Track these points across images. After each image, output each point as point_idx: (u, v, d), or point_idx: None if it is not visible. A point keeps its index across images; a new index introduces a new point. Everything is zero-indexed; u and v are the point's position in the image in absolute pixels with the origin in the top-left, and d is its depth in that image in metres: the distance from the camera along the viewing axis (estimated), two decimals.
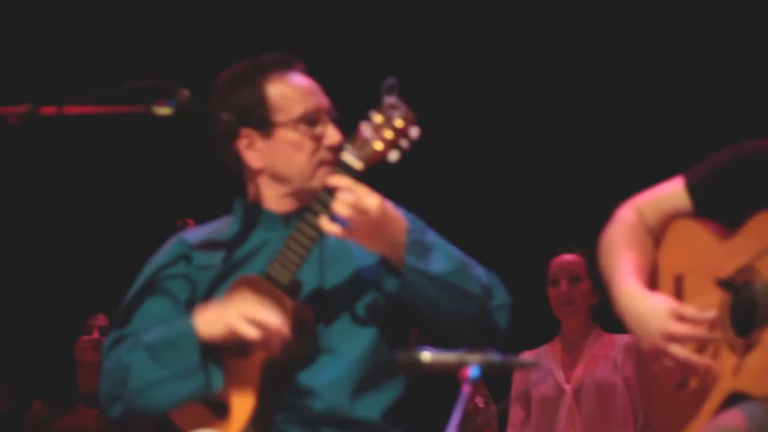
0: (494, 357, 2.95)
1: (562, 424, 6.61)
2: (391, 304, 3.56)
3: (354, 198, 3.36)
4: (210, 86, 3.66)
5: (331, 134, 3.57)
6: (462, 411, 2.85)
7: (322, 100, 3.60)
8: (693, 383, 3.54)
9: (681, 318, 3.45)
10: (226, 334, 3.40)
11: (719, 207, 3.62)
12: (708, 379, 3.48)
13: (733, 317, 3.46)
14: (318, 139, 3.57)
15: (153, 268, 3.65)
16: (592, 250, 3.82)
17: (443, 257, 3.48)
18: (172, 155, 6.84)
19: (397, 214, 3.44)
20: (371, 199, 3.38)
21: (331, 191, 3.41)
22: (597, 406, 6.60)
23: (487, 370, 2.94)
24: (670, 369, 3.49)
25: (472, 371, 2.92)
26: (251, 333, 3.36)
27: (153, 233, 4.10)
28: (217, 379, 3.43)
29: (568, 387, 6.64)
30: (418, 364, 3.00)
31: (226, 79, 3.65)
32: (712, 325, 3.47)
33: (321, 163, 3.58)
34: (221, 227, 3.72)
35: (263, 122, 3.58)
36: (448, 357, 2.98)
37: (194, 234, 3.72)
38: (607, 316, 6.72)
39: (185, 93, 3.42)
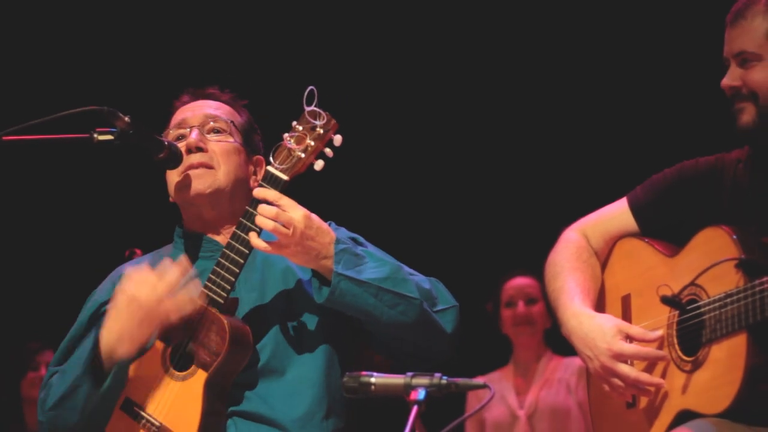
0: (441, 380, 2.94)
1: None
2: (334, 319, 3.55)
3: (275, 212, 3.37)
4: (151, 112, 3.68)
5: (188, 137, 3.57)
6: None
7: (195, 113, 3.62)
8: (642, 403, 3.55)
9: (627, 337, 3.48)
10: (138, 330, 3.38)
11: (664, 225, 3.66)
12: (657, 397, 3.49)
13: (680, 336, 3.48)
14: (184, 148, 3.58)
15: (93, 305, 3.64)
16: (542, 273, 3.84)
17: (376, 265, 3.49)
18: (119, 183, 6.81)
19: (324, 226, 3.44)
20: (295, 212, 3.38)
21: (257, 205, 3.41)
22: (552, 430, 6.59)
23: (434, 393, 2.93)
24: (619, 390, 3.49)
25: (420, 394, 2.91)
26: (175, 308, 3.37)
27: (100, 264, 4.06)
28: (114, 378, 3.39)
29: (521, 412, 6.62)
30: (365, 388, 3.00)
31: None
32: (660, 344, 3.48)
33: (186, 169, 3.57)
34: (164, 258, 3.70)
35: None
36: (396, 380, 2.97)
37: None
38: (559, 339, 6.77)
39: (125, 119, 3.41)
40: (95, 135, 3.46)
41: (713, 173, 3.60)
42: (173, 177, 3.60)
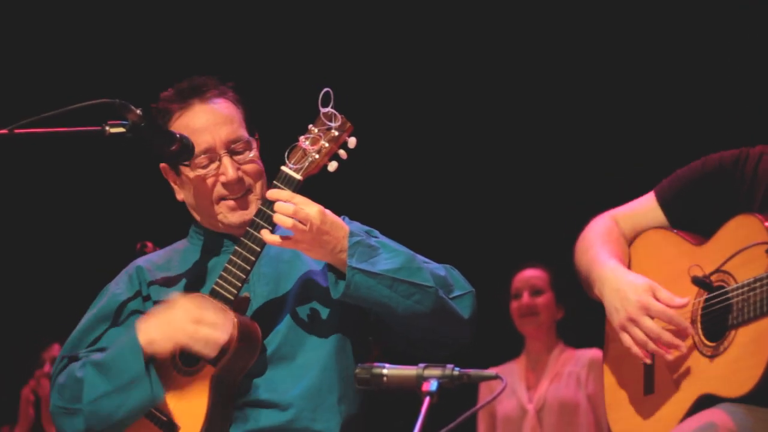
0: (453, 371, 2.95)
1: None
2: (347, 311, 3.58)
3: (292, 209, 3.39)
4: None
5: (225, 171, 3.58)
6: (422, 425, 2.83)
7: (217, 136, 3.59)
8: (661, 389, 3.56)
9: (656, 296, 3.51)
10: (169, 350, 3.43)
11: (692, 218, 3.68)
12: (676, 383, 3.50)
13: (704, 322, 3.49)
14: (214, 177, 3.60)
15: (110, 298, 3.66)
16: (556, 266, 3.86)
17: (390, 256, 3.50)
18: (131, 177, 6.82)
19: (338, 221, 3.47)
20: (310, 209, 3.41)
21: (271, 204, 3.44)
22: (560, 424, 6.59)
23: (446, 384, 2.94)
24: (640, 342, 3.50)
25: (432, 385, 2.92)
26: (204, 350, 3.40)
27: (112, 257, 4.08)
28: (159, 388, 3.44)
29: (530, 406, 6.62)
30: (378, 379, 3.00)
31: (153, 111, 3.65)
32: (684, 332, 3.50)
33: (220, 199, 3.61)
34: (178, 253, 3.74)
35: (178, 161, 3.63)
36: (408, 371, 2.98)
37: (152, 262, 3.72)
38: (571, 332, 6.77)
39: (137, 112, 3.41)
40: (107, 128, 3.44)
41: (736, 166, 3.62)
42: (201, 198, 3.62)
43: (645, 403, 3.62)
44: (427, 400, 2.90)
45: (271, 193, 3.46)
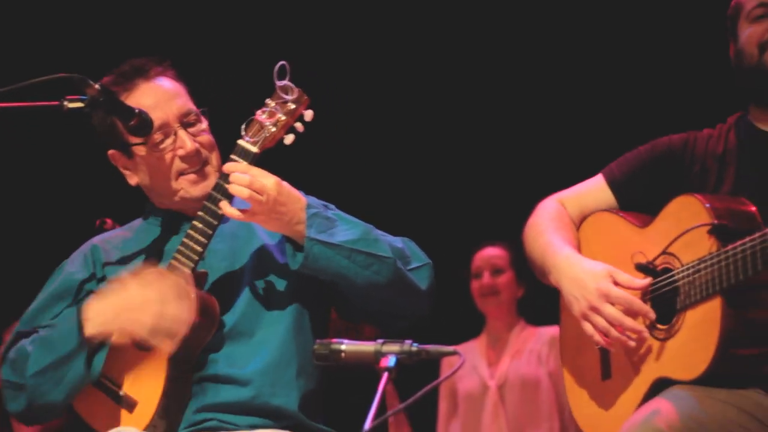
0: (412, 346, 2.95)
1: (487, 420, 6.63)
2: (304, 284, 3.59)
3: (248, 179, 3.40)
4: None
5: (183, 144, 3.58)
6: (380, 401, 2.83)
7: (169, 110, 3.59)
8: (618, 374, 3.58)
9: (615, 281, 3.50)
10: (120, 335, 3.42)
11: (640, 201, 3.69)
12: (632, 368, 3.52)
13: (654, 306, 3.51)
14: (172, 152, 3.59)
15: (65, 276, 3.65)
16: (517, 243, 3.87)
17: (347, 227, 3.52)
18: (89, 152, 6.77)
19: (295, 193, 3.48)
20: (267, 180, 3.42)
21: (227, 177, 3.44)
22: (522, 401, 6.62)
23: (404, 360, 2.94)
24: (601, 330, 3.49)
25: (390, 361, 2.92)
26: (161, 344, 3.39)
27: (71, 233, 4.05)
28: (97, 368, 3.42)
29: (492, 383, 6.65)
30: (336, 355, 3.01)
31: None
32: (645, 315, 3.51)
33: (179, 174, 3.61)
34: (135, 232, 3.73)
35: (120, 143, 3.62)
36: (366, 347, 2.98)
37: (108, 241, 3.71)
38: (531, 309, 6.79)
39: (96, 87, 3.39)
40: (66, 103, 3.43)
41: (686, 148, 3.65)
42: (160, 176, 3.60)
43: (603, 388, 3.63)
44: (385, 375, 2.90)
45: (228, 166, 3.46)
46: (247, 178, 3.40)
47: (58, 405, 3.47)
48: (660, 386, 3.44)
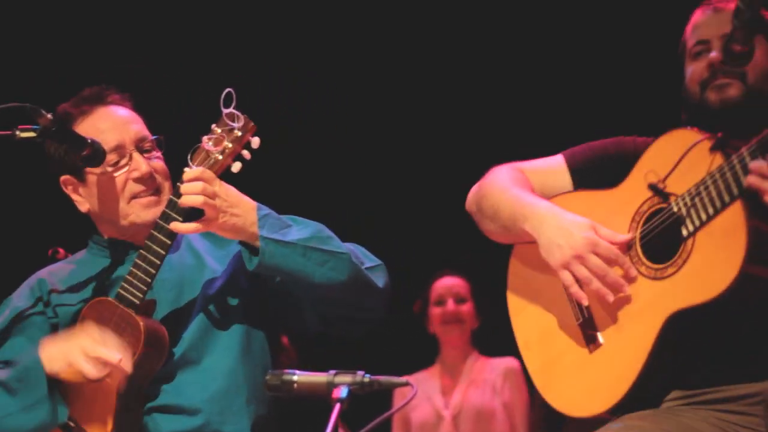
0: (364, 378, 2.95)
1: None
2: (253, 310, 3.59)
3: (201, 186, 3.40)
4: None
5: (138, 166, 3.58)
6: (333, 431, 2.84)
7: (126, 133, 3.60)
8: (609, 338, 3.47)
9: (598, 234, 3.45)
10: (68, 371, 3.39)
11: (595, 185, 3.62)
12: (624, 329, 3.42)
13: (646, 252, 3.43)
14: (126, 174, 3.59)
15: (12, 312, 3.63)
16: (476, 275, 3.83)
17: (300, 227, 3.52)
18: (41, 181, 6.75)
19: (242, 196, 3.48)
20: (216, 185, 3.42)
21: (176, 195, 3.43)
22: (477, 431, 6.61)
23: (357, 391, 2.94)
24: (584, 280, 3.41)
25: (342, 392, 2.92)
26: (91, 371, 3.35)
27: (22, 263, 4.03)
28: (63, 410, 3.41)
29: (446, 413, 6.65)
30: (288, 386, 3.00)
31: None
32: (620, 266, 3.43)
33: (131, 198, 3.60)
34: (81, 264, 3.71)
35: (73, 168, 3.61)
36: (318, 378, 2.98)
37: (54, 274, 3.70)
38: (486, 340, 6.79)
39: (48, 116, 3.39)
40: (17, 132, 3.44)
41: None
42: (113, 200, 3.59)
43: (594, 360, 3.51)
44: (337, 406, 2.90)
45: (184, 177, 3.43)
46: (199, 185, 3.39)
47: None
48: (673, 326, 3.32)
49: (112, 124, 3.60)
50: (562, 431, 6.36)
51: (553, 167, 3.72)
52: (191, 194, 3.40)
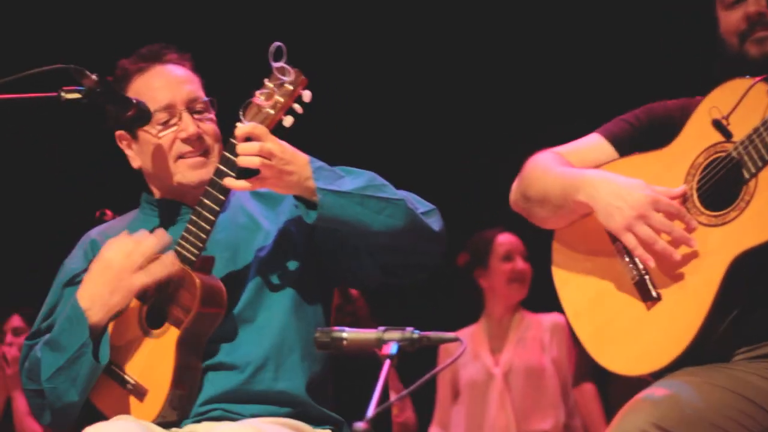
0: (413, 333, 2.94)
1: (494, 408, 6.61)
2: (309, 267, 3.59)
3: (257, 146, 3.39)
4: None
5: (186, 126, 3.58)
6: (383, 388, 2.83)
7: (177, 93, 3.60)
8: (669, 291, 3.42)
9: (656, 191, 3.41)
10: (114, 301, 3.42)
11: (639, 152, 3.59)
12: (686, 280, 3.39)
13: (704, 201, 3.40)
14: (174, 134, 3.59)
15: (67, 274, 3.65)
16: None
17: (353, 177, 3.51)
18: (88, 143, 6.78)
19: (295, 150, 3.46)
20: (270, 143, 3.41)
21: (232, 151, 3.42)
22: (527, 388, 6.61)
23: (406, 347, 2.93)
24: (648, 240, 3.36)
25: (392, 348, 2.92)
26: (157, 271, 3.41)
27: (71, 225, 4.05)
28: (105, 353, 3.43)
29: (497, 371, 6.63)
30: (338, 343, 3.00)
31: (111, 78, 3.63)
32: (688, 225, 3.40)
33: (178, 157, 3.60)
34: (132, 224, 3.71)
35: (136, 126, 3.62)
36: (367, 335, 2.98)
37: (105, 234, 3.69)
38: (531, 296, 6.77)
39: (93, 77, 3.39)
40: (63, 93, 3.43)
41: (683, 114, 3.53)
42: (160, 158, 3.60)
43: (652, 316, 3.45)
44: (387, 362, 2.89)
45: (237, 132, 3.41)
46: (255, 146, 3.39)
47: (76, 404, 3.47)
48: (737, 269, 3.28)
49: (165, 82, 3.60)
50: (608, 375, 6.37)
51: (592, 143, 3.67)
52: (248, 155, 3.39)
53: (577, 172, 3.53)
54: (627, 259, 3.51)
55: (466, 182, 7.42)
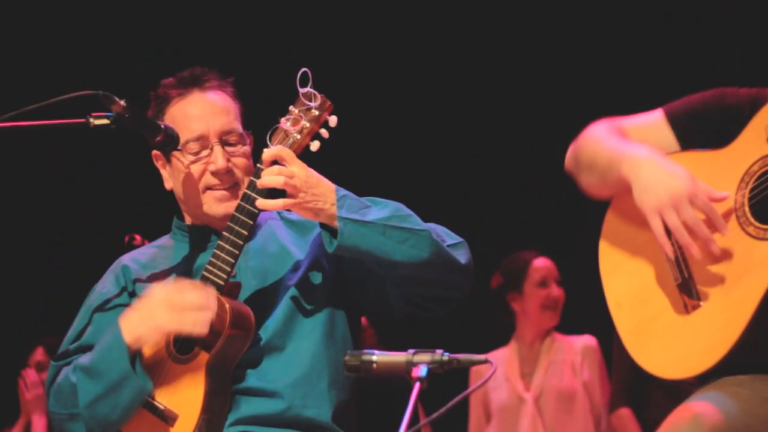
0: (443, 356, 2.93)
1: None
2: (336, 295, 3.59)
3: (278, 168, 3.42)
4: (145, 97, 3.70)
5: (215, 160, 3.59)
6: (412, 411, 2.82)
7: (212, 124, 3.60)
8: (711, 298, 3.38)
9: (698, 187, 3.36)
10: (154, 334, 3.44)
11: (700, 140, 3.52)
12: (730, 287, 3.34)
13: (755, 212, 3.34)
14: (204, 165, 3.60)
15: (98, 298, 3.66)
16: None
17: (379, 207, 3.51)
18: (117, 169, 6.82)
19: (321, 177, 3.48)
20: (294, 166, 3.43)
21: (257, 175, 3.45)
22: (559, 412, 6.57)
23: (436, 369, 2.92)
24: (671, 229, 3.33)
25: (421, 371, 2.90)
26: (189, 326, 3.39)
27: (101, 252, 4.06)
28: (148, 381, 3.43)
29: (528, 395, 6.60)
30: (367, 366, 2.99)
31: (152, 97, 3.69)
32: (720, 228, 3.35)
33: (206, 189, 3.62)
34: (163, 250, 3.74)
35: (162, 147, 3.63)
36: (397, 357, 2.97)
37: (137, 261, 3.72)
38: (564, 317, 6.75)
39: (121, 103, 3.40)
40: (91, 119, 3.44)
41: (751, 110, 3.45)
42: (189, 186, 3.62)
43: (692, 321, 3.40)
44: (417, 385, 2.88)
45: (266, 153, 3.45)
46: (278, 167, 3.41)
47: (115, 424, 3.48)
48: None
49: (200, 112, 3.61)
50: (645, 400, 6.32)
51: (653, 122, 3.59)
52: (271, 175, 3.41)
53: (628, 146, 3.47)
54: (672, 259, 3.46)
55: (498, 200, 7.42)
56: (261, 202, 3.44)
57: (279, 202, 3.44)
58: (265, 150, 3.47)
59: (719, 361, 3.30)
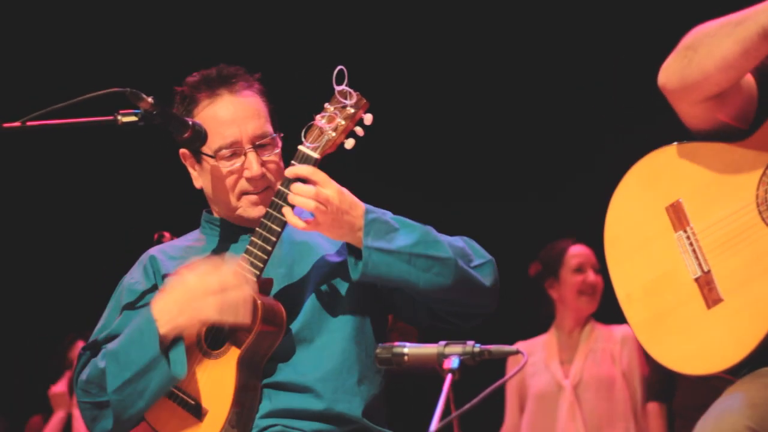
0: (474, 347, 2.92)
1: (564, 420, 6.55)
2: (365, 290, 3.58)
3: (314, 191, 3.39)
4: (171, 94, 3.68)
5: (250, 166, 3.58)
6: (445, 403, 2.81)
7: (244, 130, 3.58)
8: (732, 293, 3.32)
9: None
10: (188, 320, 3.42)
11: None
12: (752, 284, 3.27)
13: None
14: (238, 171, 3.59)
15: (126, 288, 3.66)
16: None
17: (406, 231, 3.49)
18: (146, 166, 6.84)
19: (355, 200, 3.46)
20: (329, 190, 3.41)
21: (290, 183, 3.43)
22: (598, 400, 6.55)
23: (467, 361, 2.91)
24: None
25: (453, 363, 2.89)
26: (230, 316, 3.38)
27: (129, 248, 4.07)
28: (181, 366, 3.42)
29: (567, 382, 6.58)
30: (399, 359, 2.98)
31: (177, 95, 3.66)
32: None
33: (242, 194, 3.61)
34: (193, 243, 3.73)
35: (193, 148, 3.63)
36: (428, 349, 2.96)
37: (165, 253, 3.72)
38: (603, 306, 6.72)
39: (149, 100, 3.40)
40: (119, 117, 3.44)
41: None
42: (222, 191, 3.61)
43: (712, 316, 3.35)
44: (449, 377, 2.87)
45: (291, 171, 3.44)
46: (312, 190, 3.39)
47: (143, 412, 3.48)
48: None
49: (233, 116, 3.59)
50: (674, 395, 6.30)
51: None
52: (303, 197, 3.39)
53: (750, 9, 3.22)
54: (689, 253, 3.40)
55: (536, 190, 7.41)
56: (288, 215, 3.42)
57: (301, 224, 3.42)
58: (300, 148, 3.46)
59: (748, 355, 3.25)
